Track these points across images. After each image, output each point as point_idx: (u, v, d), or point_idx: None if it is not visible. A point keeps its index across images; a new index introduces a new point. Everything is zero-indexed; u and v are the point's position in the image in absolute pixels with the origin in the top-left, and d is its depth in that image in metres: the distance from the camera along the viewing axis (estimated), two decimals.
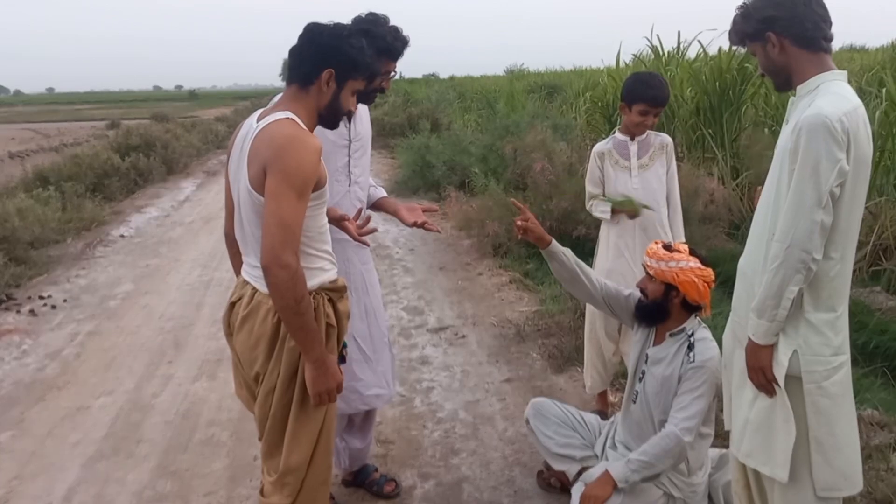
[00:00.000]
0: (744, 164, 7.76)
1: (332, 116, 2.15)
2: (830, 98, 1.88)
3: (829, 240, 1.90)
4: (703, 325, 2.64)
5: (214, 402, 3.98)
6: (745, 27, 2.03)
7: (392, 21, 2.66)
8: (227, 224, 2.32)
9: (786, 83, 2.04)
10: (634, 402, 2.71)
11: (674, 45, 10.20)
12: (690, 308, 2.59)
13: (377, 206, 3.00)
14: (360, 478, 3.06)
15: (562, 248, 2.77)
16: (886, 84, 7.25)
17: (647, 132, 3.29)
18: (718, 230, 6.62)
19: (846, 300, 2.01)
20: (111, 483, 3.21)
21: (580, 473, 2.68)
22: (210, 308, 5.59)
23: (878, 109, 6.50)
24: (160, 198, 11.26)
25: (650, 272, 2.58)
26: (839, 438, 1.98)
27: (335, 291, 2.16)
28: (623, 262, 3.29)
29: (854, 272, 5.45)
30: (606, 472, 2.48)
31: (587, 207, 3.42)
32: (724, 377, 2.25)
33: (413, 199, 9.25)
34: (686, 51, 10.05)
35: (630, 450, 2.64)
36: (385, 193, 3.04)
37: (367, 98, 2.73)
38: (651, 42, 10.12)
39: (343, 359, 2.25)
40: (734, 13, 2.07)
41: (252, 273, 2.15)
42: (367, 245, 2.71)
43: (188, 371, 4.41)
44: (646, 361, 2.68)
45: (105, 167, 11.28)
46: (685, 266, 2.52)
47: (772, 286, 1.91)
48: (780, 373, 1.96)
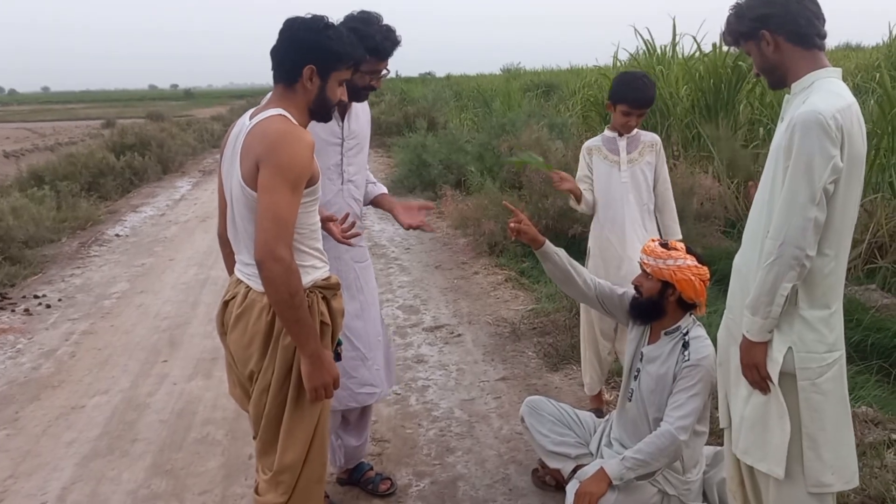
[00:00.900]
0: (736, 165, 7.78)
1: (323, 110, 2.14)
2: (824, 95, 1.88)
3: (824, 237, 1.90)
4: (698, 324, 2.65)
5: (209, 401, 3.97)
6: (739, 27, 2.03)
7: (387, 19, 2.64)
8: (220, 225, 2.31)
9: (780, 81, 2.04)
10: (630, 400, 2.71)
11: (668, 42, 10.20)
12: (686, 306, 2.59)
13: (375, 203, 2.99)
14: (355, 476, 3.06)
15: (555, 249, 2.77)
16: (882, 82, 7.27)
17: (636, 130, 3.34)
18: (714, 228, 6.62)
19: (840, 297, 2.01)
20: (106, 482, 3.20)
21: (575, 471, 2.68)
22: (205, 307, 5.58)
23: (874, 107, 6.52)
24: (155, 197, 11.24)
25: (647, 269, 2.58)
26: (831, 434, 1.98)
27: (328, 289, 2.15)
28: (614, 256, 3.32)
29: (849, 270, 5.48)
30: (601, 470, 2.48)
31: (571, 205, 3.46)
32: (719, 374, 2.25)
33: (409, 198, 9.26)
34: (680, 46, 10.05)
35: (625, 447, 2.64)
36: (384, 190, 3.02)
37: (358, 96, 2.70)
38: (644, 39, 10.12)
39: (338, 356, 2.24)
40: (728, 14, 2.07)
41: (245, 271, 2.14)
42: (352, 245, 2.67)
43: (183, 370, 4.40)
44: (641, 359, 2.68)
45: (100, 166, 11.27)
46: (682, 264, 2.52)
47: (765, 283, 1.91)
48: (775, 370, 1.96)
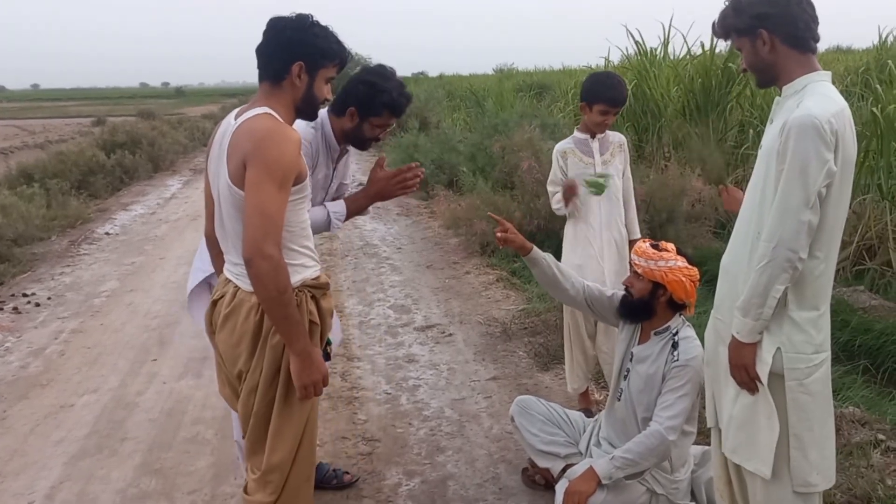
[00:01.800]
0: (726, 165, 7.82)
1: (310, 108, 2.15)
2: (818, 99, 1.89)
3: (815, 239, 1.91)
4: (688, 324, 2.66)
5: (199, 400, 3.96)
6: (737, 22, 2.01)
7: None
8: (208, 225, 2.31)
9: (770, 81, 2.05)
10: (619, 400, 2.73)
11: (658, 43, 10.22)
12: (676, 307, 2.61)
13: (350, 208, 2.87)
14: (318, 477, 3.01)
15: (542, 255, 2.80)
16: (872, 85, 7.32)
17: (606, 131, 3.37)
18: (705, 229, 6.65)
19: (829, 298, 2.03)
20: (95, 481, 3.19)
21: (564, 470, 2.69)
22: None
23: (864, 110, 6.57)
24: (146, 195, 11.20)
25: (638, 270, 2.59)
26: (817, 435, 2.00)
27: (318, 288, 2.15)
28: (590, 254, 3.35)
29: (838, 271, 5.51)
30: (591, 469, 2.49)
31: (552, 206, 3.47)
32: (707, 374, 2.26)
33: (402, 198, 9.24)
34: (672, 47, 10.08)
35: (614, 447, 2.65)
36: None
37: (363, 145, 2.75)
38: (635, 40, 10.13)
39: (328, 356, 2.24)
40: (724, 6, 2.05)
41: (233, 271, 2.14)
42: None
43: (173, 369, 4.39)
44: (631, 359, 2.69)
45: (90, 164, 11.22)
46: (674, 265, 2.54)
47: (758, 285, 1.92)
48: (764, 370, 1.97)
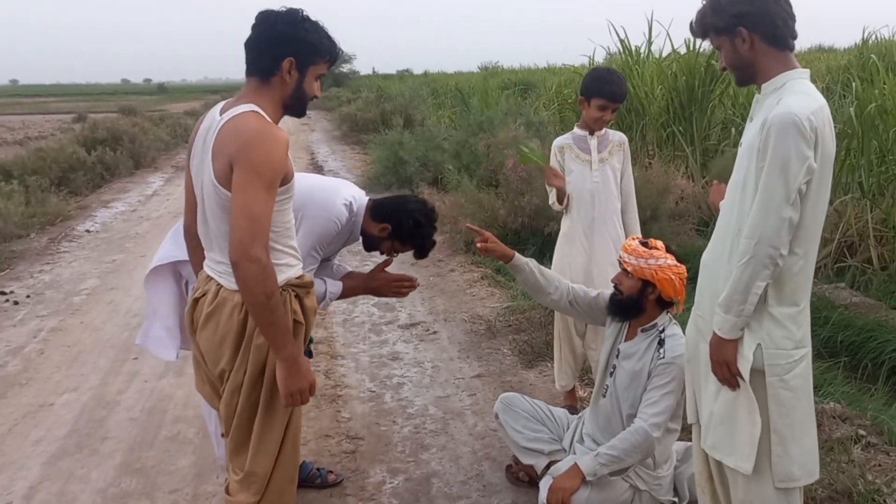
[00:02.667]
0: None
1: (298, 105, 2.11)
2: (798, 97, 1.90)
3: (794, 236, 1.92)
4: (674, 322, 2.68)
5: (181, 399, 3.92)
6: (716, 21, 2.02)
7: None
8: (188, 219, 2.27)
9: (750, 79, 2.06)
10: (603, 397, 2.73)
11: (642, 42, 10.29)
12: (664, 304, 2.62)
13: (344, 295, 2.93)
14: (301, 476, 3.00)
15: (525, 260, 2.80)
16: (854, 83, 7.39)
17: (605, 129, 3.37)
18: (688, 227, 6.69)
19: (808, 295, 2.04)
20: (74, 480, 3.15)
21: (548, 467, 2.70)
22: None
23: (846, 108, 6.62)
24: (127, 192, 11.09)
25: (628, 268, 2.59)
26: (798, 430, 2.01)
27: (301, 287, 2.13)
28: (580, 252, 3.34)
29: (819, 269, 5.57)
30: (575, 465, 2.50)
31: (549, 203, 3.47)
32: (688, 371, 2.27)
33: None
34: (656, 46, 10.14)
35: (597, 444, 2.66)
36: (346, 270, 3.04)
37: (372, 249, 2.87)
38: (620, 38, 10.19)
39: (310, 354, 2.22)
40: (702, 5, 2.06)
41: (217, 269, 2.11)
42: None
43: (154, 367, 4.34)
44: (617, 356, 2.70)
45: (70, 161, 11.10)
46: (664, 263, 2.55)
47: (740, 282, 1.92)
48: (745, 366, 1.98)
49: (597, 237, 3.33)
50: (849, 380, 3.91)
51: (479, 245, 2.76)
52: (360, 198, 2.79)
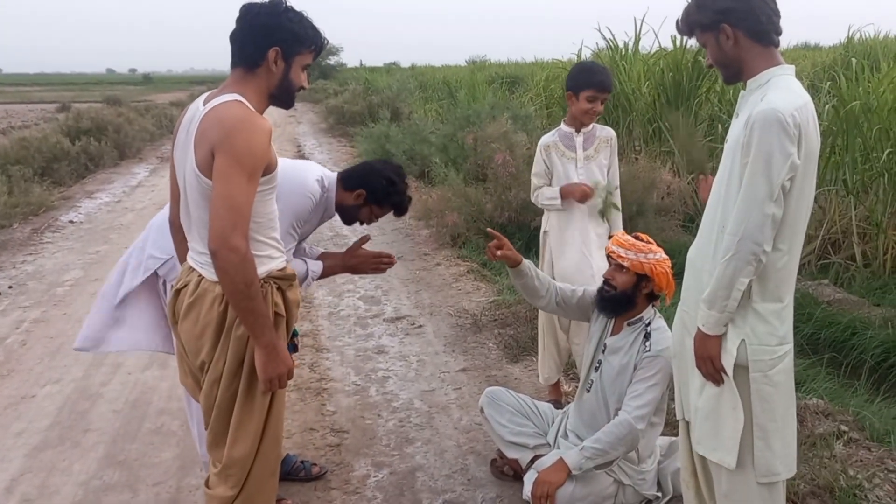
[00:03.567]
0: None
1: (285, 95, 2.10)
2: (782, 93, 1.91)
3: (778, 232, 1.93)
4: (659, 315, 2.69)
5: (165, 391, 3.90)
6: (700, 17, 2.02)
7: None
8: (172, 211, 2.26)
9: (736, 76, 2.06)
10: (588, 391, 2.74)
11: (629, 38, 10.29)
12: (651, 298, 2.64)
13: (325, 274, 2.94)
14: (284, 470, 2.99)
15: (528, 264, 2.79)
16: (839, 81, 7.44)
17: (593, 125, 3.36)
18: (674, 222, 6.72)
19: (792, 291, 2.05)
20: (56, 473, 3.13)
21: (533, 461, 2.70)
22: None
23: (828, 105, 6.67)
24: (111, 183, 10.99)
25: (623, 263, 2.59)
26: (780, 425, 2.02)
27: (284, 280, 2.11)
28: (576, 252, 3.33)
29: (803, 265, 5.61)
30: (561, 460, 2.51)
31: (532, 199, 3.48)
32: (674, 366, 2.28)
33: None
34: (643, 43, 10.17)
35: (581, 438, 2.67)
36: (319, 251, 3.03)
37: (350, 221, 2.88)
38: (604, 35, 10.21)
39: (295, 347, 2.21)
40: (687, 3, 2.06)
41: (198, 260, 2.09)
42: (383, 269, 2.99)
43: (138, 359, 4.31)
44: (603, 351, 2.71)
45: (54, 151, 10.97)
46: (660, 258, 2.58)
47: (723, 278, 1.93)
48: (729, 362, 1.99)
49: (581, 233, 3.33)
50: (831, 376, 3.95)
51: (498, 253, 2.69)
52: (329, 175, 2.79)
